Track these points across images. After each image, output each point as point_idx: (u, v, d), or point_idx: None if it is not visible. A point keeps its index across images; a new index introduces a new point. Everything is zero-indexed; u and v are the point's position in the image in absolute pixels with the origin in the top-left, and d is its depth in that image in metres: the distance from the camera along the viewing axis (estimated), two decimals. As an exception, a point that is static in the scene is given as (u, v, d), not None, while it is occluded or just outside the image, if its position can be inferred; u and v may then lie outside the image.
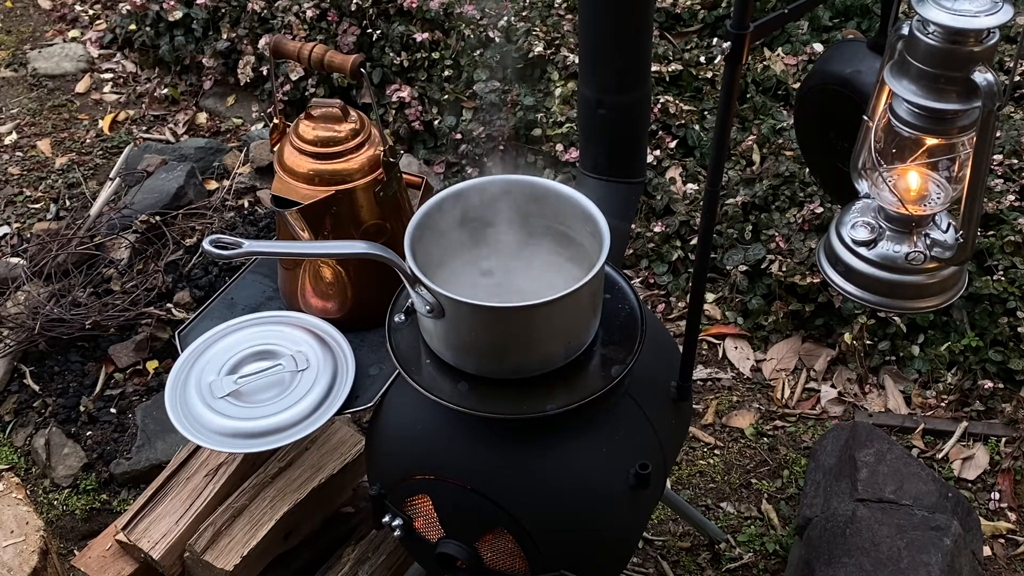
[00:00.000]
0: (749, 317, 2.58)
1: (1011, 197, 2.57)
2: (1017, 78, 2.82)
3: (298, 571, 1.97)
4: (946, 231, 1.37)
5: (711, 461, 2.32)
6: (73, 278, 2.64)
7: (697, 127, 2.89)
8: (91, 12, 3.89)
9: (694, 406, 2.39)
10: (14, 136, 3.34)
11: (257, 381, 1.62)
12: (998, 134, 2.60)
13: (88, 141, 3.31)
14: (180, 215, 2.89)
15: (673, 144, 2.86)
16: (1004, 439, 2.30)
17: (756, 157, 2.82)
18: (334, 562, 1.91)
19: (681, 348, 1.56)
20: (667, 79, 3.01)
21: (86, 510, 2.25)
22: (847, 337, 2.45)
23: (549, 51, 3.00)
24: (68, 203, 3.04)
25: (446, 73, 3.05)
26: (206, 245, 1.31)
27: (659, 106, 2.89)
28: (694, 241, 2.60)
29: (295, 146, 1.61)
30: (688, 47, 3.15)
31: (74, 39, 3.77)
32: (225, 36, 3.30)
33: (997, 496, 2.22)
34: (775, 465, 2.31)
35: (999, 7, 1.19)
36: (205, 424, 1.57)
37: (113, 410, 2.41)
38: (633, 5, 1.57)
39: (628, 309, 1.51)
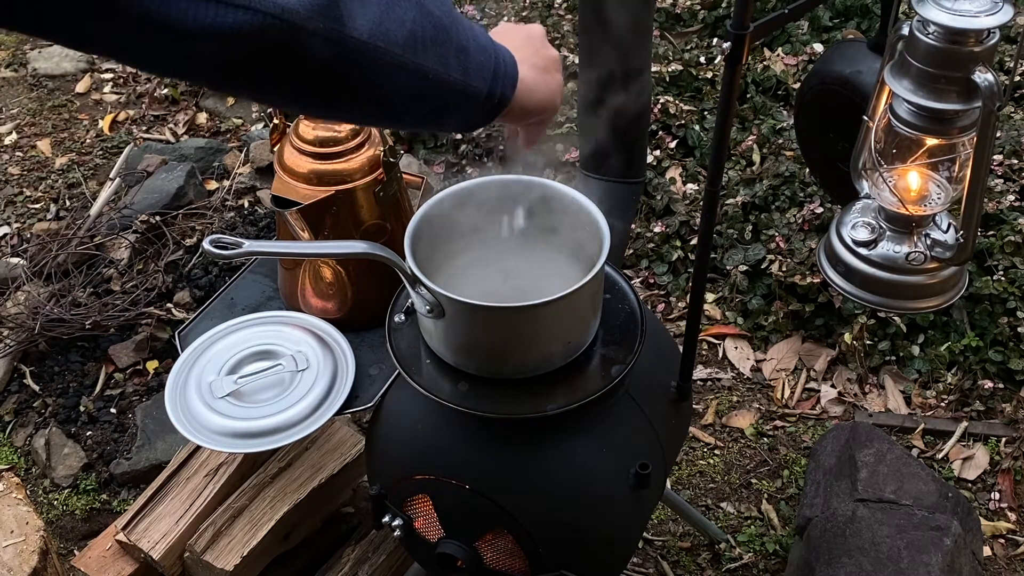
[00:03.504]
0: (749, 317, 2.58)
1: (1011, 197, 2.57)
2: (1017, 78, 2.82)
3: (298, 571, 1.97)
4: (946, 231, 1.37)
5: (711, 461, 2.32)
6: (73, 278, 2.64)
7: (697, 127, 2.89)
8: (91, 12, 3.89)
9: (694, 406, 2.39)
10: (14, 136, 3.34)
11: (257, 381, 1.62)
12: (998, 134, 2.60)
13: (88, 141, 3.31)
14: (180, 215, 2.90)
15: (673, 144, 2.86)
16: (1004, 439, 2.30)
17: (756, 157, 2.82)
18: (334, 562, 1.91)
19: (681, 348, 1.56)
20: (667, 79, 3.01)
21: (86, 510, 2.25)
22: (847, 337, 2.45)
23: (549, 51, 3.00)
24: (68, 203, 3.04)
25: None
26: (206, 245, 1.30)
27: (659, 106, 2.89)
28: (694, 241, 2.60)
29: (295, 146, 1.61)
30: (688, 47, 3.15)
31: (74, 39, 3.77)
32: (225, 36, 3.30)
33: (997, 496, 2.22)
34: (775, 465, 2.31)
35: (999, 7, 1.19)
36: (205, 424, 1.57)
37: (113, 410, 2.41)
38: (633, 5, 1.57)
39: (628, 309, 1.51)
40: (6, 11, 0.70)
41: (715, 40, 3.22)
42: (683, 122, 2.89)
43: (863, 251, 1.39)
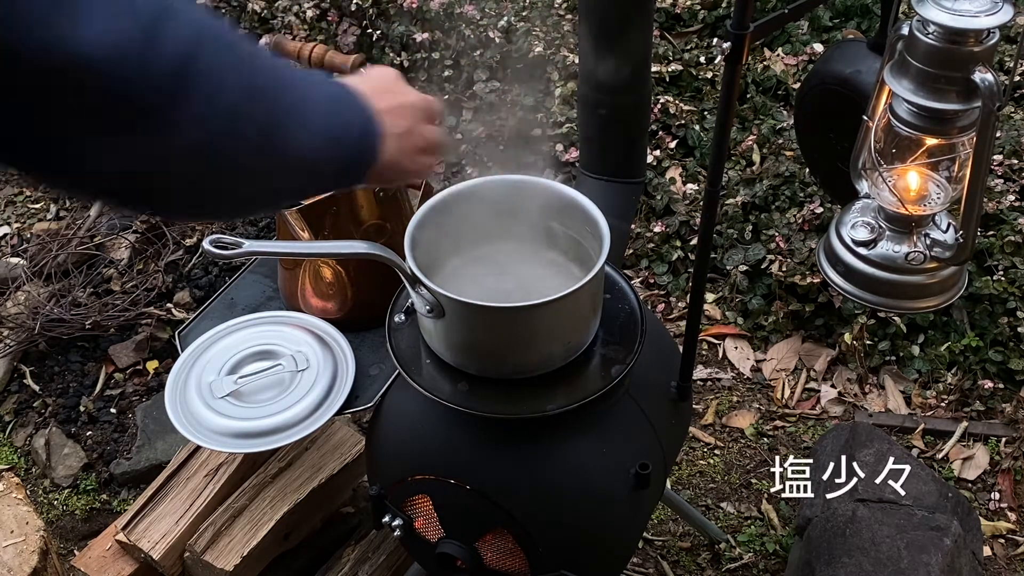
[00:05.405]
0: (749, 317, 2.58)
1: (1011, 197, 2.57)
2: (1017, 78, 2.82)
3: (298, 571, 1.97)
4: (946, 231, 1.37)
5: (711, 461, 2.32)
6: (73, 278, 2.64)
7: (697, 127, 2.89)
8: (91, 12, 3.89)
9: (694, 406, 2.39)
10: (14, 136, 3.34)
11: (257, 381, 1.62)
12: (998, 134, 2.60)
13: (88, 141, 3.31)
14: (180, 215, 2.90)
15: (673, 144, 2.86)
16: (1004, 439, 2.30)
17: (756, 157, 2.82)
18: (334, 562, 1.91)
19: (681, 348, 1.56)
20: (667, 79, 3.01)
21: (86, 510, 2.25)
22: (847, 337, 2.45)
23: (549, 51, 3.00)
24: (68, 203, 3.04)
25: (446, 73, 3.05)
26: (206, 245, 1.30)
27: (659, 106, 2.89)
28: (694, 241, 2.60)
29: (295, 146, 1.61)
30: (688, 47, 3.15)
31: (74, 39, 3.77)
32: (225, 36, 3.30)
33: (997, 496, 2.22)
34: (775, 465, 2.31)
35: (999, 7, 1.19)
36: (205, 424, 1.57)
37: (113, 410, 2.41)
38: (633, 5, 1.57)
39: (628, 309, 1.51)
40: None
41: (715, 40, 3.21)
42: (683, 122, 2.89)
43: (863, 251, 1.39)
